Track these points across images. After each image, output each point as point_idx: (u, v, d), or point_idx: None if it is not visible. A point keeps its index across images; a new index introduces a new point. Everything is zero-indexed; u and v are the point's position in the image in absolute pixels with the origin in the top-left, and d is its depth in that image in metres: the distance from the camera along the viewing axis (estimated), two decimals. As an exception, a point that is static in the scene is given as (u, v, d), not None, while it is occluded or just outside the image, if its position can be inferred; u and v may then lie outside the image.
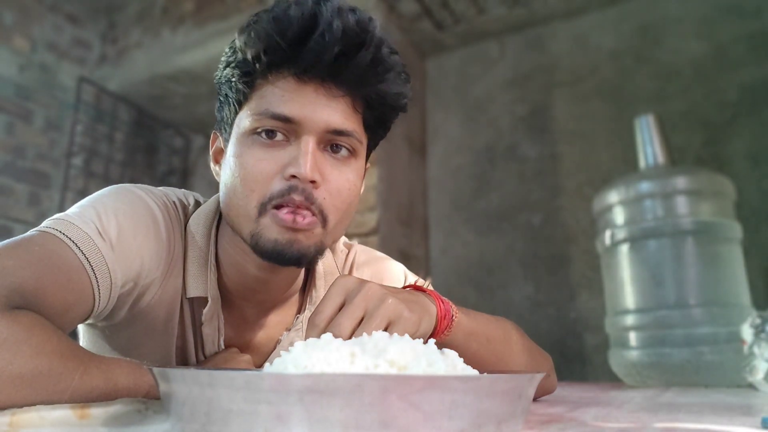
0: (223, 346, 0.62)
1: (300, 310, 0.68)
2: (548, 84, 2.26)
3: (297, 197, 0.51)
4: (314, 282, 0.68)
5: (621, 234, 1.41)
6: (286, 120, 0.52)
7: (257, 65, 0.53)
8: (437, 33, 2.37)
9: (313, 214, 0.52)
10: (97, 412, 0.44)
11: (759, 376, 0.98)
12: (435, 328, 0.52)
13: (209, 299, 0.59)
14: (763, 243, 1.72)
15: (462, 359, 0.42)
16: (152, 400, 0.47)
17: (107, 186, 0.61)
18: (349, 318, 0.46)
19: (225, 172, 0.56)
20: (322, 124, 0.52)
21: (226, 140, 0.58)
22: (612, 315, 1.46)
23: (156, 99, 2.77)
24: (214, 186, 0.65)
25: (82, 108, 2.62)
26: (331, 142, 0.54)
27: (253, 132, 0.53)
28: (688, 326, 1.27)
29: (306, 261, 0.54)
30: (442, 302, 0.54)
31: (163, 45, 2.57)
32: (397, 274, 0.76)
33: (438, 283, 2.29)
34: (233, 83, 0.55)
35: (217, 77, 0.58)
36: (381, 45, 0.53)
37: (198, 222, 0.62)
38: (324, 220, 0.54)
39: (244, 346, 0.65)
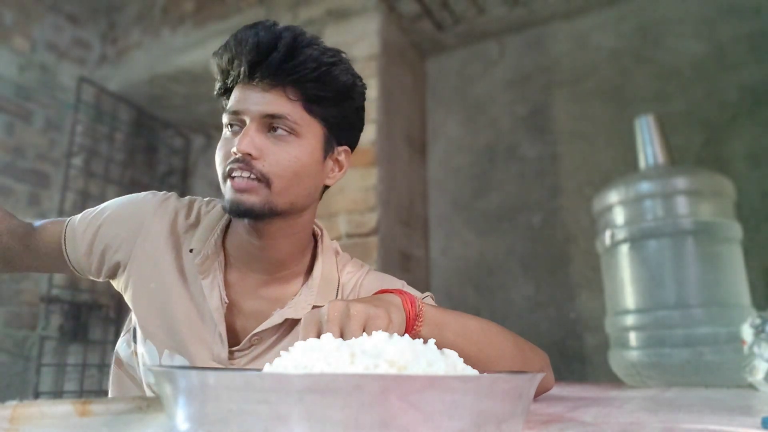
0: (226, 300, 0.74)
1: (297, 293, 0.76)
2: (548, 84, 2.26)
3: (237, 165, 0.66)
4: (313, 273, 0.77)
5: (621, 234, 1.41)
6: (234, 113, 0.69)
7: (222, 80, 0.73)
8: (437, 33, 2.37)
9: (255, 179, 0.67)
10: (98, 408, 0.44)
11: (759, 376, 0.98)
12: (407, 319, 0.59)
13: (202, 253, 0.74)
14: (763, 243, 1.72)
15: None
16: (153, 399, 0.47)
17: (107, 186, 0.72)
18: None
19: None
20: (257, 111, 0.67)
21: None
22: (612, 315, 1.46)
23: (156, 99, 2.77)
24: (213, 186, 0.68)
25: (82, 108, 2.61)
26: (271, 124, 0.68)
27: (225, 127, 0.72)
28: (688, 326, 1.27)
29: (256, 213, 0.67)
30: (406, 295, 0.62)
31: (163, 45, 2.57)
32: (396, 283, 0.81)
33: (438, 284, 2.29)
34: (220, 98, 0.75)
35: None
36: (295, 47, 0.67)
37: (217, 206, 0.80)
38: (267, 183, 0.67)
39: (244, 311, 0.76)
